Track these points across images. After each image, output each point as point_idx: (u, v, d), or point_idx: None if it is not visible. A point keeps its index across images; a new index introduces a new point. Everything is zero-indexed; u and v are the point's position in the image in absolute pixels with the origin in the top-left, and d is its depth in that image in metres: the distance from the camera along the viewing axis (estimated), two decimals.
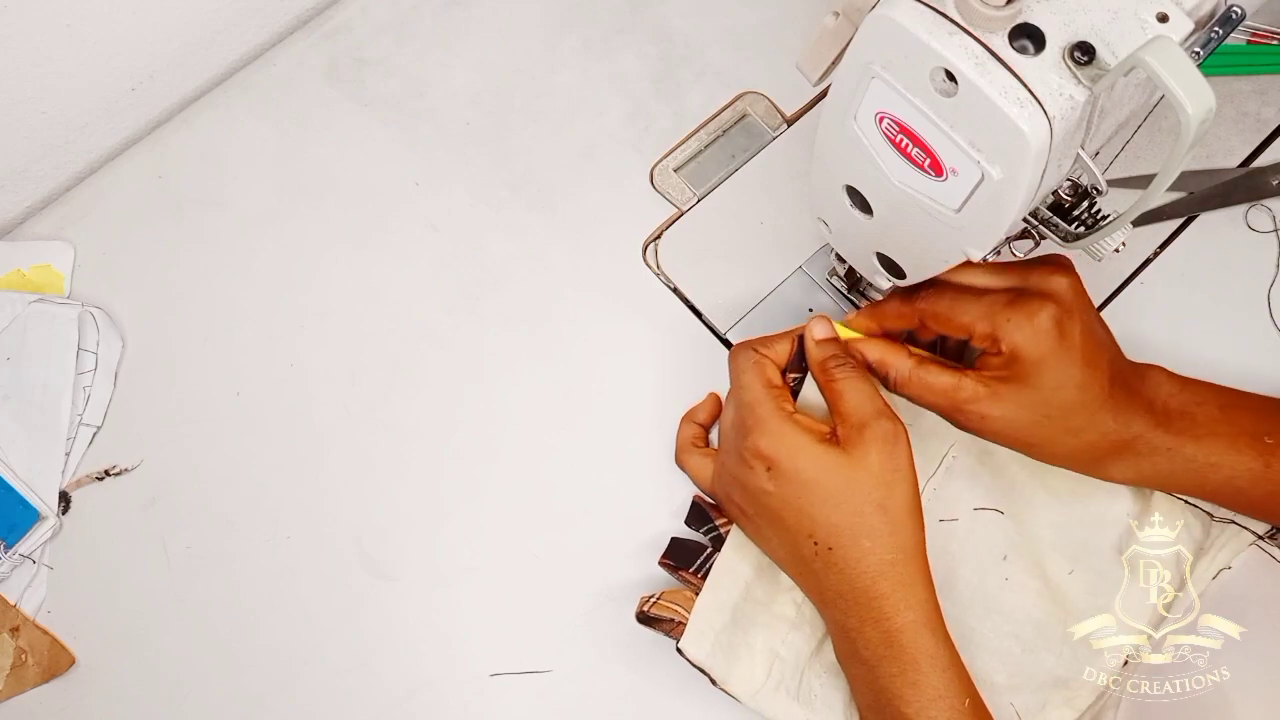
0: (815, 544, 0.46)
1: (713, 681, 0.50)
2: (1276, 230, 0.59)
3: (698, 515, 0.54)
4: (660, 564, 0.53)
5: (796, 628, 0.51)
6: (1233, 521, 0.51)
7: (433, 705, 0.53)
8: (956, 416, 0.49)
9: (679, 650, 0.50)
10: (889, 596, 0.45)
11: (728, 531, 0.52)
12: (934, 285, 0.49)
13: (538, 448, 0.57)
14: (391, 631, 0.54)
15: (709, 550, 0.52)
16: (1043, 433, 0.48)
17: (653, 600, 0.51)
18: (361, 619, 0.54)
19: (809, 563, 0.47)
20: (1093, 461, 0.50)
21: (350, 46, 0.65)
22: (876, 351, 0.50)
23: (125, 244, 0.61)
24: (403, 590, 0.55)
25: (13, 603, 0.54)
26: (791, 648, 0.51)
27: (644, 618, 0.51)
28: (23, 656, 0.53)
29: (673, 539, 0.53)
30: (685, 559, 0.52)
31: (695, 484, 0.55)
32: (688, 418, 0.56)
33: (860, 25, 0.37)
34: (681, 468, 0.55)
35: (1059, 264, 0.48)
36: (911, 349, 0.51)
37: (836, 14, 0.40)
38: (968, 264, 0.47)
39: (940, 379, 0.48)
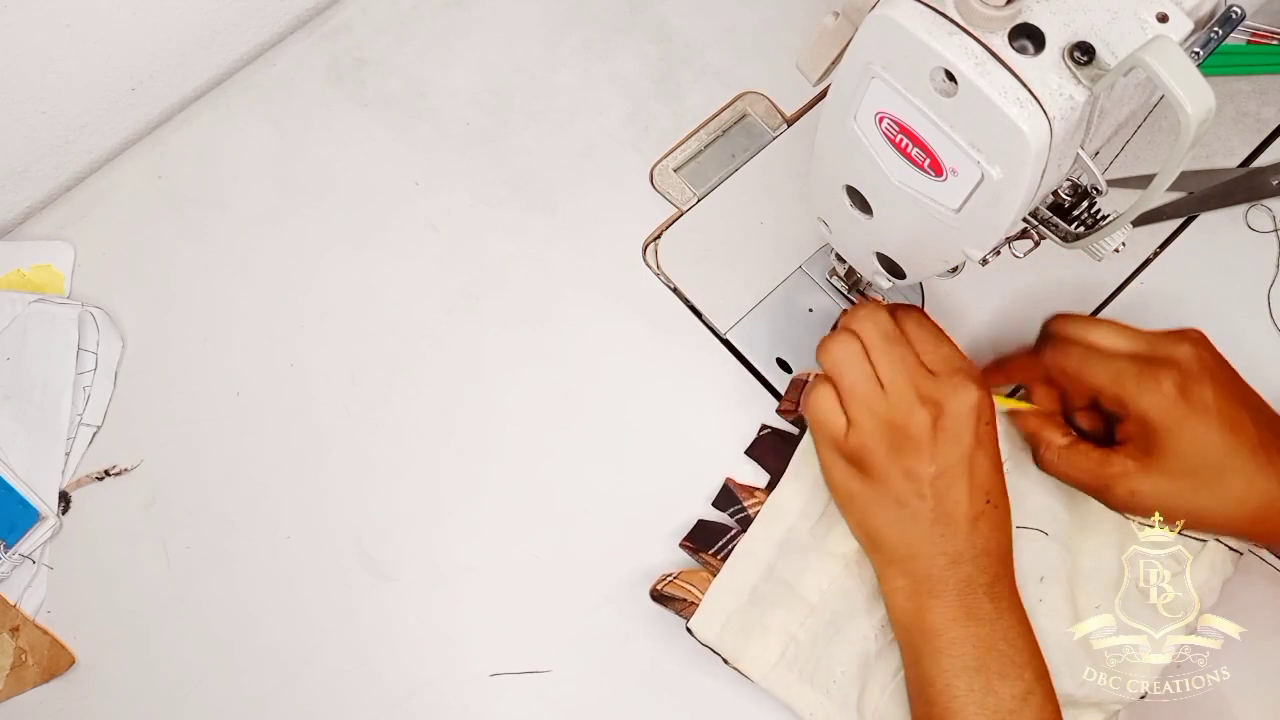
0: (988, 501, 0.48)
1: (725, 660, 0.50)
2: (1276, 230, 0.59)
3: (727, 497, 0.54)
4: (681, 545, 0.54)
5: (815, 613, 0.51)
6: None
7: (433, 705, 0.53)
8: (1106, 496, 0.50)
9: (689, 630, 0.50)
10: (1015, 553, 0.49)
11: (755, 513, 0.53)
12: (1060, 341, 0.51)
13: (537, 448, 0.57)
14: (391, 631, 0.54)
15: (734, 532, 0.53)
16: (1199, 502, 0.48)
17: (668, 579, 0.52)
18: (361, 619, 0.54)
19: (973, 521, 0.47)
20: (1261, 528, 0.48)
21: (350, 46, 0.65)
22: (1034, 423, 0.52)
23: (125, 244, 0.61)
24: (403, 590, 0.55)
25: (13, 603, 0.54)
26: (809, 631, 0.51)
27: (658, 596, 0.52)
28: (23, 656, 0.53)
29: (699, 521, 0.54)
30: (706, 541, 0.53)
31: (809, 404, 0.50)
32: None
33: (860, 25, 0.37)
34: (819, 361, 0.50)
35: (1186, 334, 0.49)
36: (1066, 428, 0.52)
37: (836, 14, 0.40)
38: (1096, 321, 0.49)
39: (1089, 455, 0.50)
